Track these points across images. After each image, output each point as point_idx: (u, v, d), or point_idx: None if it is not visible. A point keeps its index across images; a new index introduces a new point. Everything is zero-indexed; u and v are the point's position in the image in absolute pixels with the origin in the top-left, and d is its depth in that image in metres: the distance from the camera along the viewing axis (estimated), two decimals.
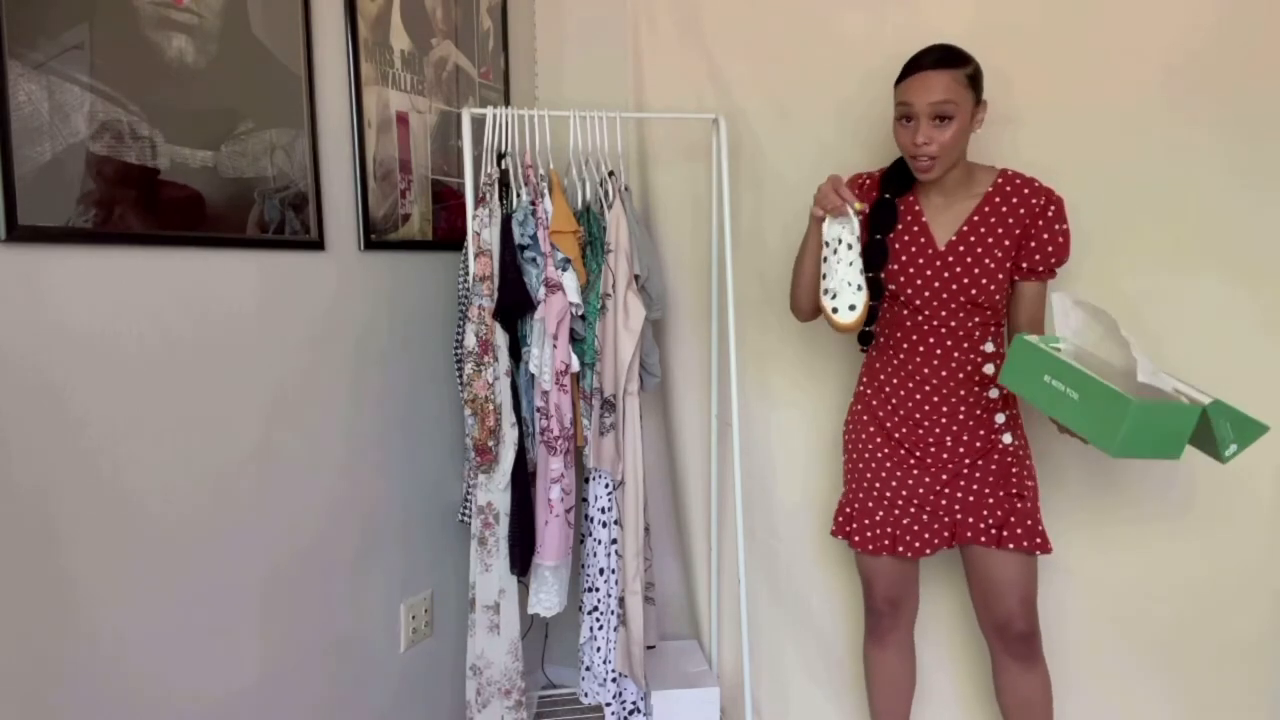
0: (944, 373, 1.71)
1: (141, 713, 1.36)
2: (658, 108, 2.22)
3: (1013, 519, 1.69)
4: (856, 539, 1.80)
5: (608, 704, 1.98)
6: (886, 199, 1.73)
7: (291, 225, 1.60)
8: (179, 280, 1.39)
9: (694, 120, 2.16)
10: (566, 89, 2.32)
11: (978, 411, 1.71)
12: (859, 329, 1.62)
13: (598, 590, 1.96)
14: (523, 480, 1.90)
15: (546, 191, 1.90)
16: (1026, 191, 1.67)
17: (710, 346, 2.20)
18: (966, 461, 1.72)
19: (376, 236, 1.81)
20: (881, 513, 1.77)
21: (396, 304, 1.89)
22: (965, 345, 1.70)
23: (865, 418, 1.82)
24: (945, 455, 1.73)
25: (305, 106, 1.61)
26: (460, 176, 1.98)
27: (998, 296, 1.67)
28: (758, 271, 2.15)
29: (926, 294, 1.69)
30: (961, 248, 1.68)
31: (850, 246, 1.60)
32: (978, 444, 1.72)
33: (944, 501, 1.74)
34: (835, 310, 1.58)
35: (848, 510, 1.84)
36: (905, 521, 1.75)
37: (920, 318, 1.72)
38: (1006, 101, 1.87)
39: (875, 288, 1.68)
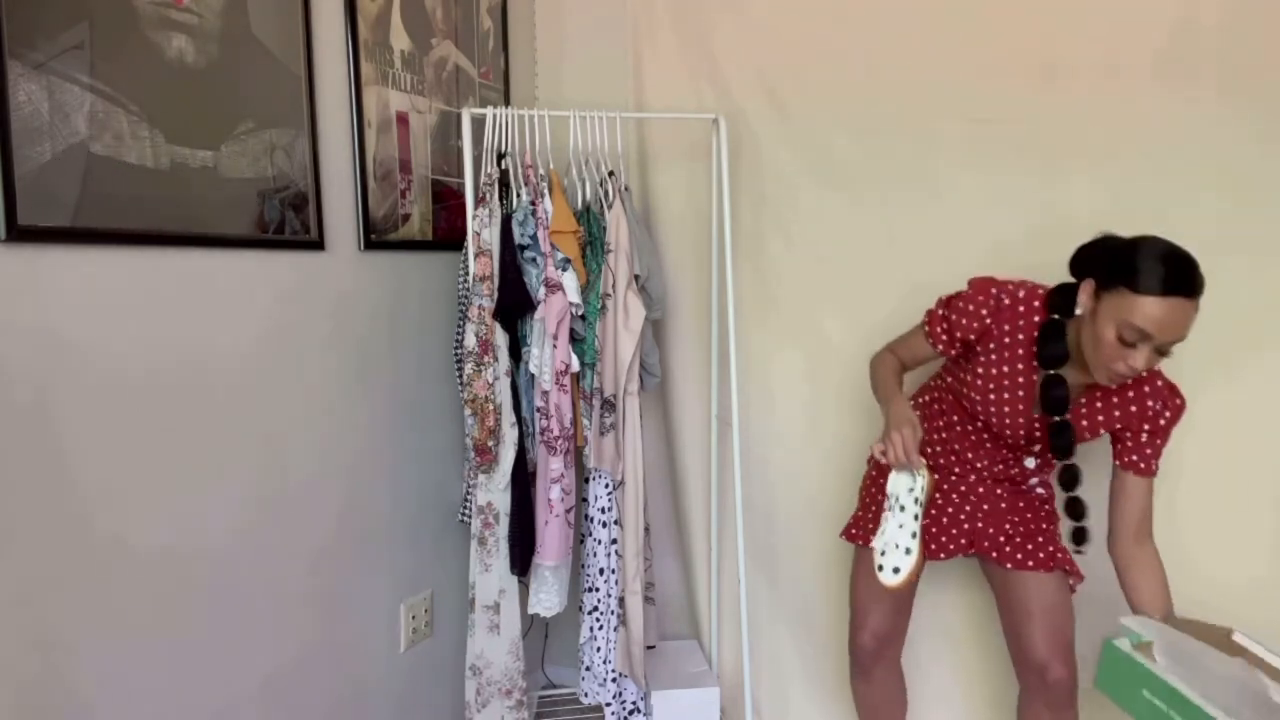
0: (986, 459, 1.71)
1: (141, 713, 1.36)
2: (658, 108, 2.22)
3: (1040, 539, 1.68)
4: (861, 540, 1.78)
5: (608, 704, 1.98)
6: (1056, 321, 1.52)
7: (291, 225, 1.60)
8: (179, 280, 1.39)
9: (694, 120, 2.16)
10: (566, 89, 2.32)
11: (1012, 470, 1.72)
12: (903, 590, 1.62)
13: (598, 590, 1.96)
14: (523, 480, 1.90)
15: (546, 191, 1.90)
16: (1157, 384, 1.55)
17: (710, 346, 2.20)
18: (996, 489, 1.72)
19: (376, 236, 1.81)
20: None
21: (396, 304, 1.89)
22: (1018, 452, 1.70)
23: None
24: (973, 477, 1.73)
25: (305, 106, 1.61)
26: (460, 176, 1.98)
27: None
28: (758, 271, 2.15)
29: (1006, 426, 1.63)
30: (1084, 411, 1.59)
31: (905, 508, 1.56)
32: (1007, 482, 1.72)
33: (968, 508, 1.73)
34: (880, 569, 1.56)
35: (863, 515, 1.82)
36: (924, 522, 1.68)
37: (988, 434, 1.68)
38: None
39: (1063, 439, 1.54)
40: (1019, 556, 1.67)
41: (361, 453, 1.81)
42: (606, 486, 1.94)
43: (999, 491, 1.73)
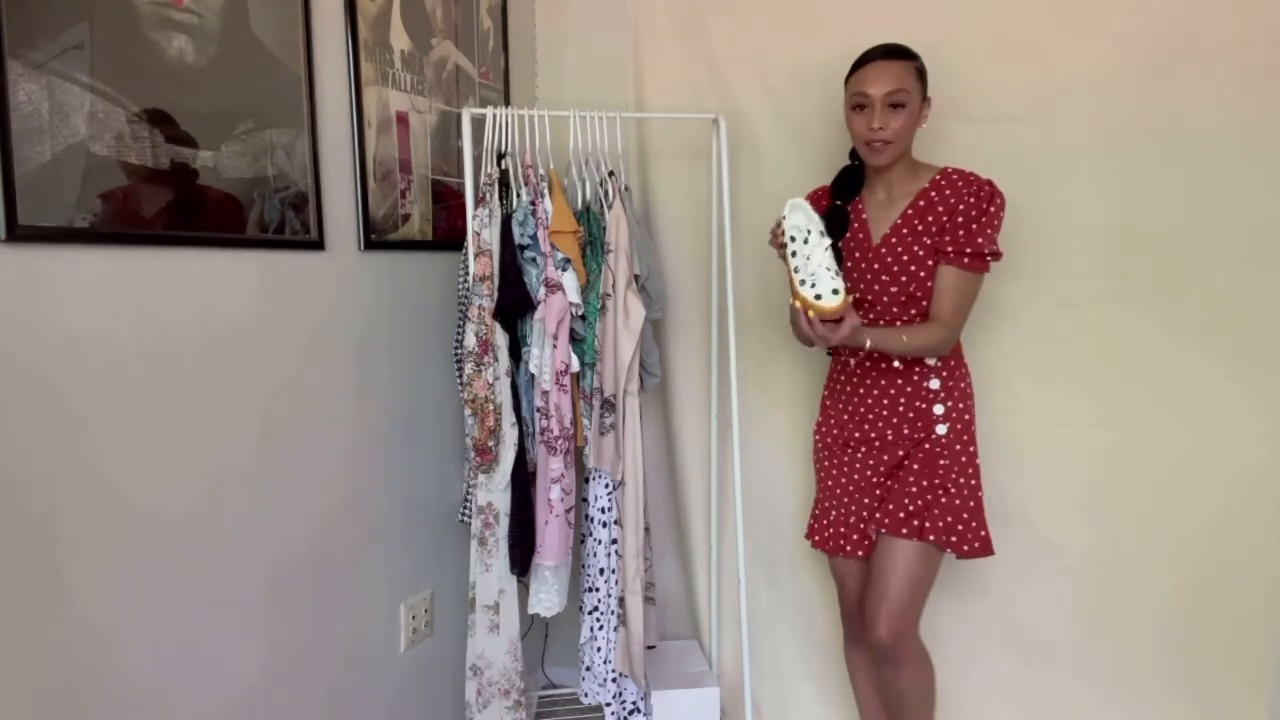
0: (884, 363, 1.76)
1: (141, 713, 1.36)
2: (658, 108, 2.22)
3: (935, 510, 1.70)
4: (816, 538, 1.88)
5: (607, 704, 1.98)
6: (838, 206, 1.80)
7: (291, 225, 1.60)
8: (179, 280, 1.39)
9: (694, 120, 2.16)
10: (566, 89, 2.32)
11: (917, 402, 1.74)
12: (845, 311, 1.54)
13: (598, 590, 1.96)
14: (523, 480, 1.90)
15: (546, 191, 1.89)
16: (961, 184, 1.69)
17: (710, 346, 2.20)
18: (901, 454, 1.75)
19: (376, 236, 1.81)
20: (835, 511, 1.84)
21: (396, 304, 1.89)
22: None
23: (826, 422, 1.90)
24: (885, 449, 1.77)
25: (305, 106, 1.61)
26: (460, 176, 1.98)
27: (928, 284, 1.70)
28: (758, 271, 2.15)
29: (862, 288, 1.75)
30: (894, 240, 1.72)
31: (820, 233, 1.57)
32: (915, 435, 1.74)
33: (879, 492, 1.78)
34: (819, 297, 1.52)
35: (816, 511, 1.91)
36: (851, 520, 1.80)
37: (861, 313, 1.74)
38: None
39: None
40: (887, 522, 1.72)
41: (361, 452, 1.81)
42: (606, 486, 1.94)
43: (903, 455, 1.74)
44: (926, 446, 1.73)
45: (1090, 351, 1.97)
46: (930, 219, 1.69)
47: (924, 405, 1.74)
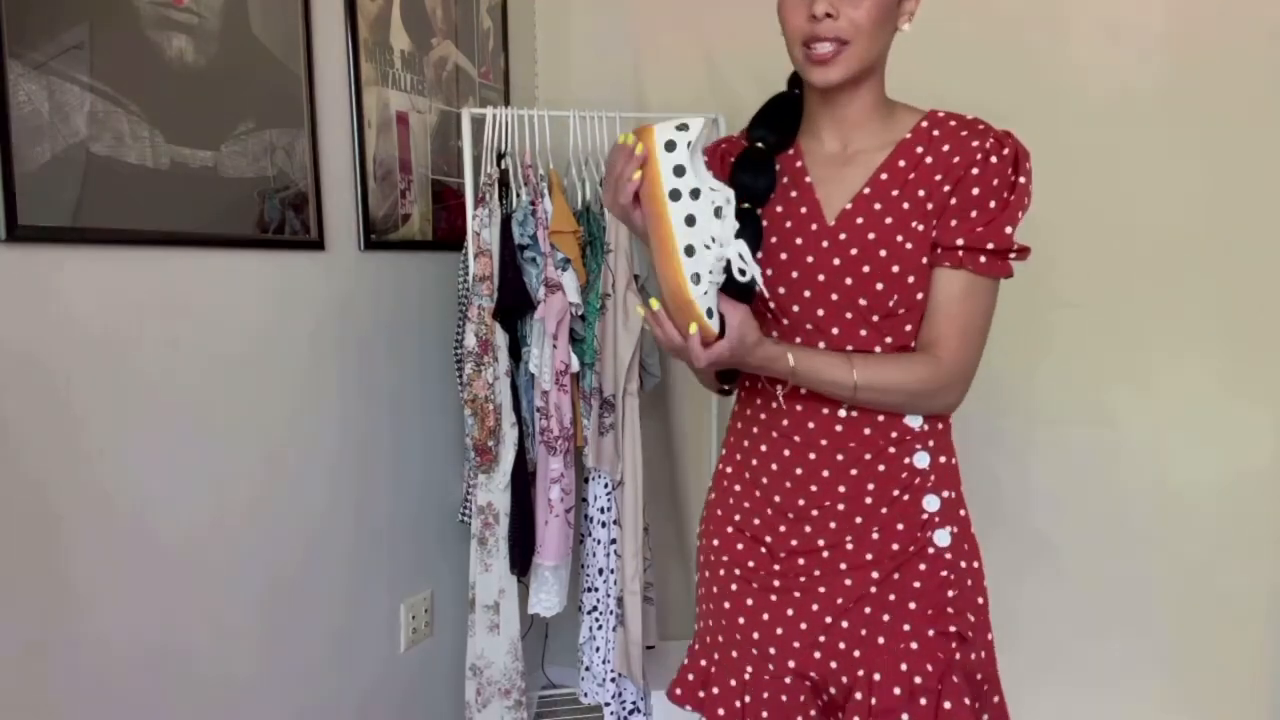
0: (839, 426, 1.10)
1: (140, 713, 1.36)
2: (658, 108, 2.22)
3: (954, 678, 1.07)
4: (720, 711, 1.15)
5: (607, 704, 1.98)
6: (758, 149, 1.12)
7: (291, 225, 1.60)
8: (179, 280, 1.39)
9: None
10: (567, 89, 2.32)
11: (894, 490, 1.10)
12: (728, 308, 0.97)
13: (597, 590, 1.97)
14: (522, 480, 1.90)
15: (546, 191, 1.90)
16: (967, 136, 1.07)
17: None
18: (875, 576, 1.09)
19: (376, 236, 1.81)
20: (751, 669, 1.14)
21: (396, 304, 1.89)
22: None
23: (722, 514, 1.22)
24: (844, 567, 1.10)
25: (305, 106, 1.61)
26: (460, 176, 1.98)
27: (917, 294, 1.07)
28: None
29: (808, 294, 1.09)
30: (859, 219, 1.08)
31: (724, 199, 0.97)
32: (894, 545, 1.09)
33: (841, 645, 1.10)
34: (710, 312, 0.97)
35: (701, 663, 1.21)
36: (788, 682, 1.12)
37: (800, 337, 1.11)
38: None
39: (739, 290, 0.99)
40: (875, 705, 1.07)
41: (361, 453, 1.81)
42: (606, 486, 1.94)
43: (878, 579, 1.09)
44: (923, 566, 1.09)
45: (1090, 350, 1.96)
46: (920, 190, 1.07)
47: (907, 495, 1.09)
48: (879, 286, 1.07)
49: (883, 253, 1.06)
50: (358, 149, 1.76)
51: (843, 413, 1.10)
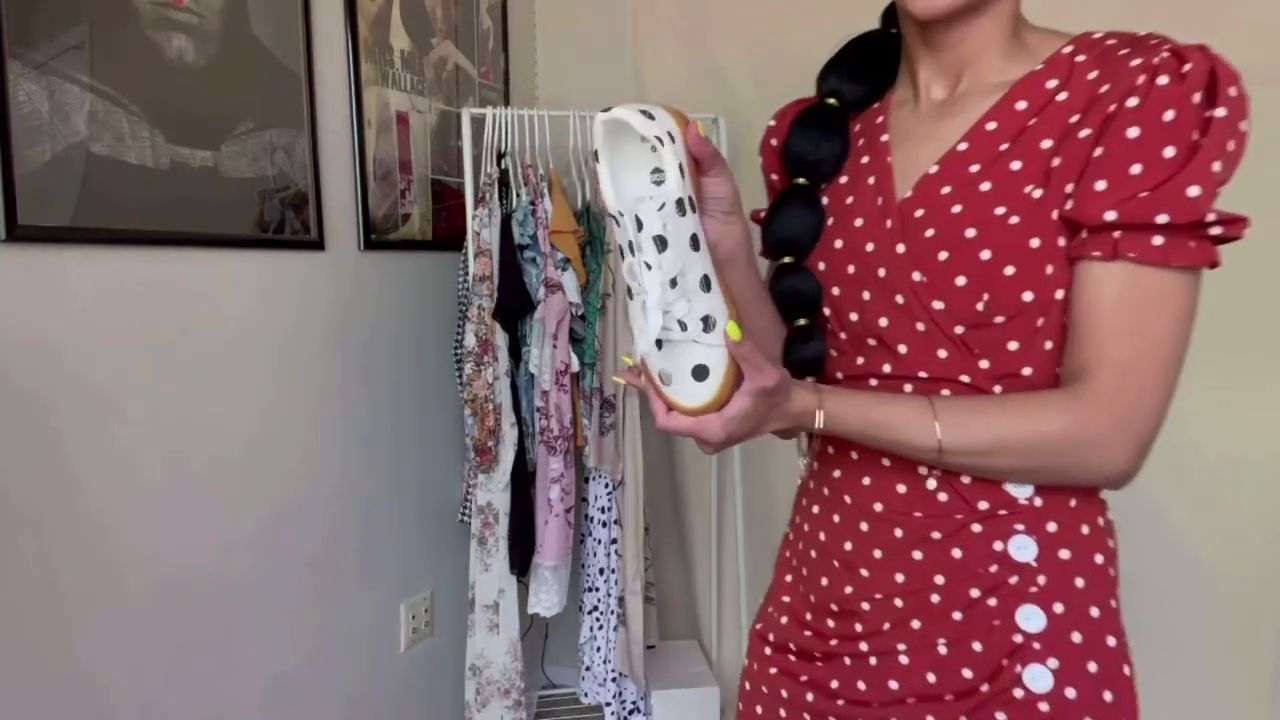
0: (901, 486, 0.80)
1: (140, 712, 1.36)
2: None
3: None
4: None
5: (607, 704, 1.98)
6: (825, 107, 0.88)
7: (291, 225, 1.60)
8: (179, 281, 1.39)
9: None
10: (567, 89, 2.32)
11: (973, 589, 0.76)
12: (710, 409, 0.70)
13: (597, 590, 1.97)
14: (522, 480, 1.90)
15: (546, 191, 1.90)
16: (1126, 51, 0.71)
17: None
18: None
19: (376, 236, 1.81)
20: None
21: (396, 304, 1.89)
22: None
23: (763, 623, 0.95)
24: (894, 687, 0.79)
25: (305, 106, 1.61)
26: (460, 176, 1.98)
27: (1023, 293, 0.73)
28: (757, 270, 2.15)
29: (866, 295, 0.81)
30: (946, 188, 0.77)
31: (677, 204, 0.68)
32: (966, 673, 0.76)
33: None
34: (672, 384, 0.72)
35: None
36: None
37: (863, 357, 0.82)
38: None
39: (798, 303, 0.86)
40: None
41: (361, 453, 1.81)
42: (606, 486, 1.94)
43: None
44: (1001, 716, 0.74)
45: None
46: (1044, 139, 0.73)
47: (994, 600, 0.76)
48: (960, 282, 0.74)
49: (970, 232, 0.73)
50: (358, 149, 1.76)
51: (922, 473, 0.78)
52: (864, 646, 0.81)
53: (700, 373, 0.69)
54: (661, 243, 0.67)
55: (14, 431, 1.17)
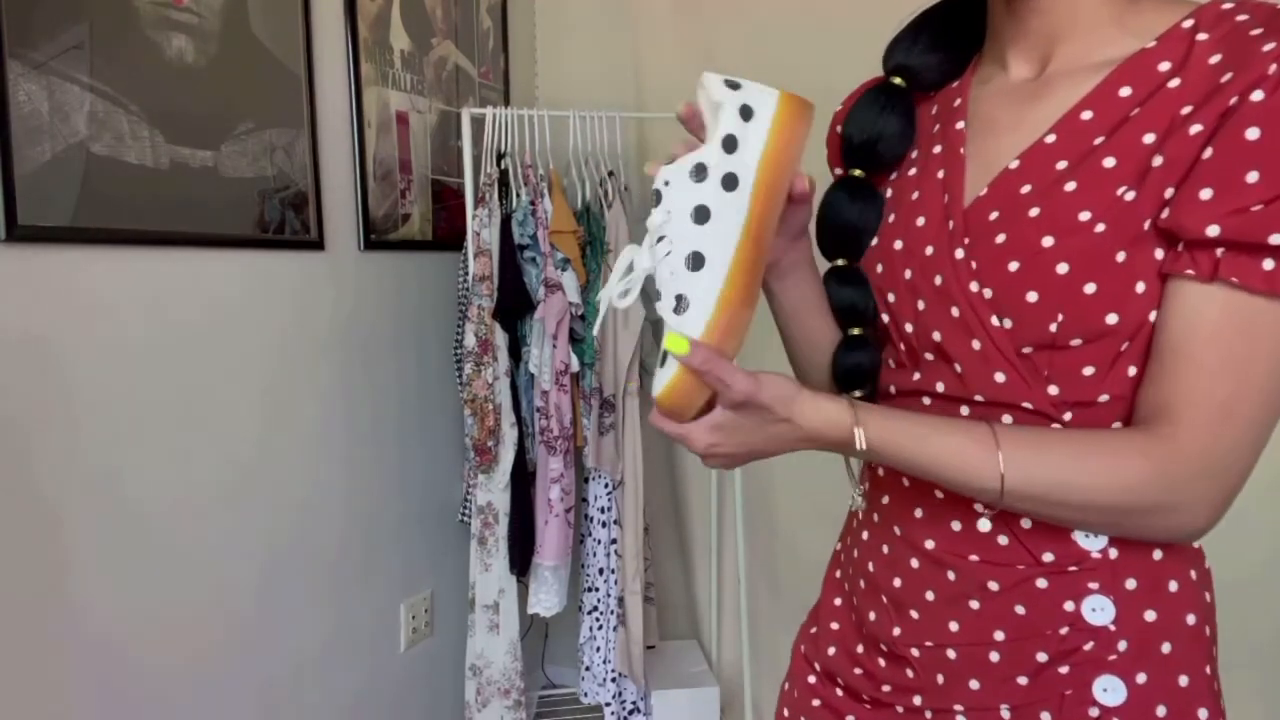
0: (957, 524, 0.71)
1: (139, 712, 1.36)
2: (658, 108, 2.22)
3: None
4: None
5: (607, 704, 1.98)
6: (889, 86, 0.80)
7: (291, 225, 1.60)
8: (179, 281, 1.39)
9: None
10: (567, 89, 2.32)
11: (1040, 653, 0.68)
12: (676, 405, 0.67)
13: (597, 590, 1.97)
14: (522, 480, 1.90)
15: (546, 191, 1.90)
16: (1259, 31, 0.59)
17: None
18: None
19: (376, 236, 1.81)
20: None
21: (396, 304, 1.89)
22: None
23: (807, 645, 0.90)
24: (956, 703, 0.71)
25: (305, 106, 1.61)
26: (460, 176, 1.98)
27: (1107, 315, 0.63)
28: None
29: (921, 305, 0.72)
30: (1026, 187, 0.66)
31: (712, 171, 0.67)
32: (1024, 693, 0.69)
33: None
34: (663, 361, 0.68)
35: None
36: None
37: (920, 372, 0.74)
38: None
39: (848, 313, 0.81)
40: None
41: (361, 452, 1.81)
42: (606, 486, 1.94)
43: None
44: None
45: None
46: (1147, 133, 0.62)
47: (1065, 669, 0.67)
48: (1031, 298, 0.64)
49: (1047, 240, 0.63)
50: (357, 149, 1.76)
51: (978, 514, 0.69)
52: (917, 700, 0.73)
53: (664, 360, 0.64)
54: (657, 196, 0.65)
55: (14, 430, 1.17)
